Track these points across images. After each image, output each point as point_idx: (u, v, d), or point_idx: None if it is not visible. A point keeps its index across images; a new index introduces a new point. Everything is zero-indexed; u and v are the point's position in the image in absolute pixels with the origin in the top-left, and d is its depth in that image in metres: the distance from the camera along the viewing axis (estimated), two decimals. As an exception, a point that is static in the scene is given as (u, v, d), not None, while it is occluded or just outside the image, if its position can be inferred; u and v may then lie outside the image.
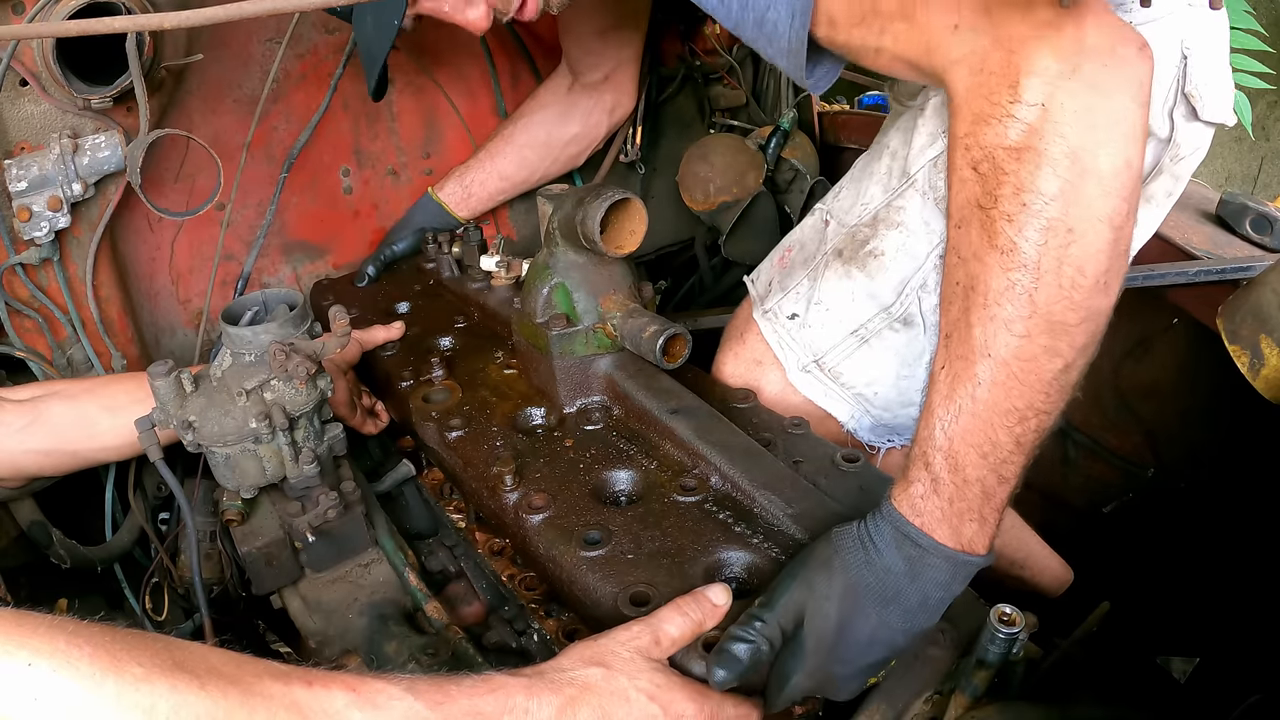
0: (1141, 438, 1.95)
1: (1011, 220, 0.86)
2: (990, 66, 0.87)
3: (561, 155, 2.13)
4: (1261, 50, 2.97)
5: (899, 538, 0.93)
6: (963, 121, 0.90)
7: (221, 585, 1.39)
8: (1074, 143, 0.84)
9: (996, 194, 0.87)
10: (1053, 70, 0.84)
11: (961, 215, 0.91)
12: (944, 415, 0.91)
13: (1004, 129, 0.86)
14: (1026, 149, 0.85)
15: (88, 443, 1.37)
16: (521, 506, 1.19)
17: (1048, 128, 0.84)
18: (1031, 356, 0.87)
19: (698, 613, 0.96)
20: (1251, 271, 1.55)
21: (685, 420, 1.25)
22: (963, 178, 0.91)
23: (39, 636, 0.71)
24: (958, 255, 0.92)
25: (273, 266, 2.04)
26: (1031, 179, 0.85)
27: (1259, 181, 3.66)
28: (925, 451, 0.93)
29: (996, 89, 0.87)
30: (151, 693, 0.72)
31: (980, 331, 0.89)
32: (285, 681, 0.78)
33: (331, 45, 1.96)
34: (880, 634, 0.94)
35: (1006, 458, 0.91)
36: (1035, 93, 0.85)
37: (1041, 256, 0.85)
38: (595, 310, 1.34)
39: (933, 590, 0.94)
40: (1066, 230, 0.85)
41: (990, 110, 0.87)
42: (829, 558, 0.95)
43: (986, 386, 0.89)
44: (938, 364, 0.93)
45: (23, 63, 1.46)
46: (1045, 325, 0.87)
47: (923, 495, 0.93)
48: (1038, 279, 0.85)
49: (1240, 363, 1.33)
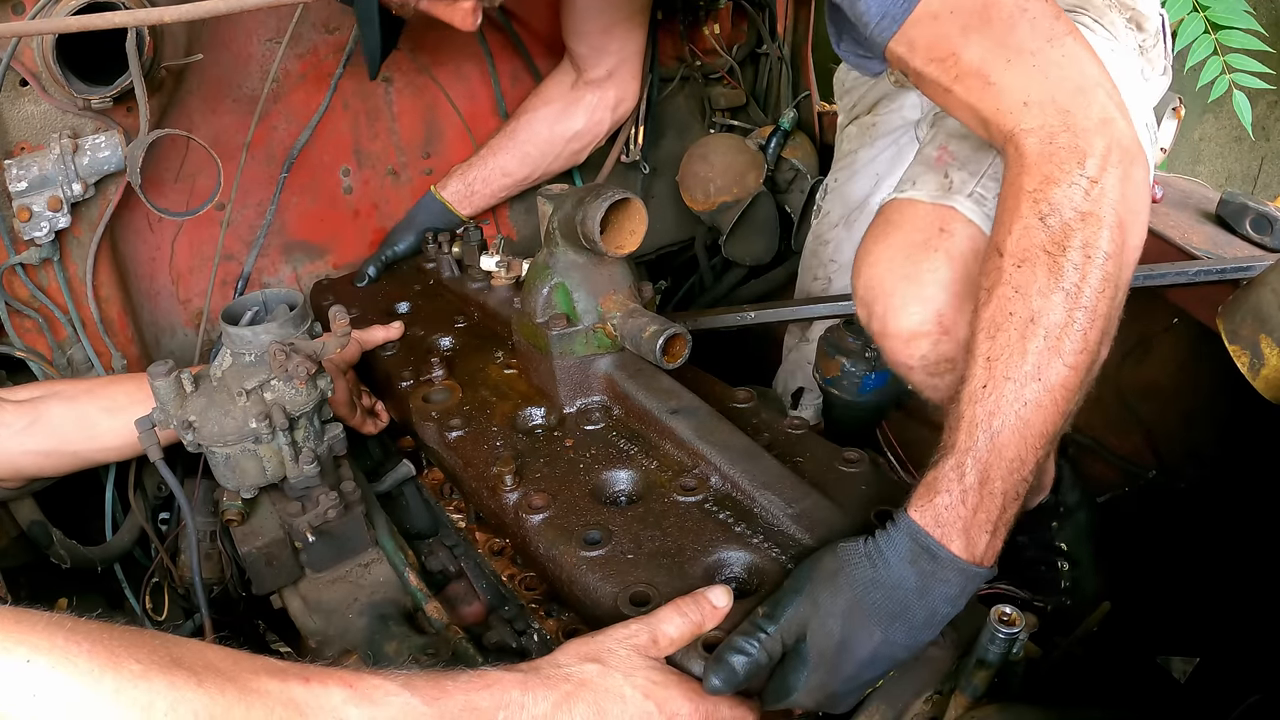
0: (1141, 438, 1.95)
1: (1078, 269, 1.00)
2: (1060, 142, 1.04)
3: (564, 151, 2.13)
4: (1261, 50, 2.97)
5: (915, 551, 0.94)
6: (1031, 178, 1.05)
7: (221, 585, 1.39)
8: (1121, 215, 1.02)
9: (1065, 245, 1.00)
10: (1107, 158, 1.03)
11: (1024, 256, 1.02)
12: (986, 429, 0.97)
13: (1073, 193, 1.02)
14: (1090, 214, 1.01)
15: (88, 443, 1.37)
16: (521, 506, 1.19)
17: (1104, 200, 1.01)
18: (1072, 386, 0.99)
19: (697, 614, 0.96)
20: (1251, 271, 1.55)
21: (685, 420, 1.25)
22: (1028, 225, 1.03)
23: (37, 633, 0.71)
24: (1014, 289, 1.02)
25: (273, 266, 2.04)
26: (1095, 237, 1.00)
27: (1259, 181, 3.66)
28: (961, 464, 0.97)
29: (1066, 161, 1.03)
30: (149, 689, 0.72)
31: (1035, 359, 0.98)
32: (282, 678, 0.79)
33: (331, 45, 1.96)
34: (883, 650, 0.94)
35: (1027, 476, 0.98)
36: (1095, 171, 1.02)
37: (1098, 303, 1.00)
38: (595, 310, 1.34)
39: (941, 605, 0.95)
40: (1116, 285, 1.01)
41: (1060, 176, 1.03)
42: (835, 573, 0.95)
43: (1032, 408, 0.97)
44: (978, 382, 1.00)
45: (23, 62, 1.46)
46: (1089, 361, 1.00)
47: (949, 505, 0.96)
48: (1092, 320, 1.00)
49: (1240, 363, 1.33)
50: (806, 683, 0.94)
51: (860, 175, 1.99)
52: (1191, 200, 1.89)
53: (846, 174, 2.03)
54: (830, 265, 2.04)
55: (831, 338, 1.69)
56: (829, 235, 2.04)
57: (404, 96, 2.09)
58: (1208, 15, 2.98)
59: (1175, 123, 1.90)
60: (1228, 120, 3.43)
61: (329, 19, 1.93)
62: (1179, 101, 1.89)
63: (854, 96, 2.05)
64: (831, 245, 2.04)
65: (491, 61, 2.16)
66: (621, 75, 2.08)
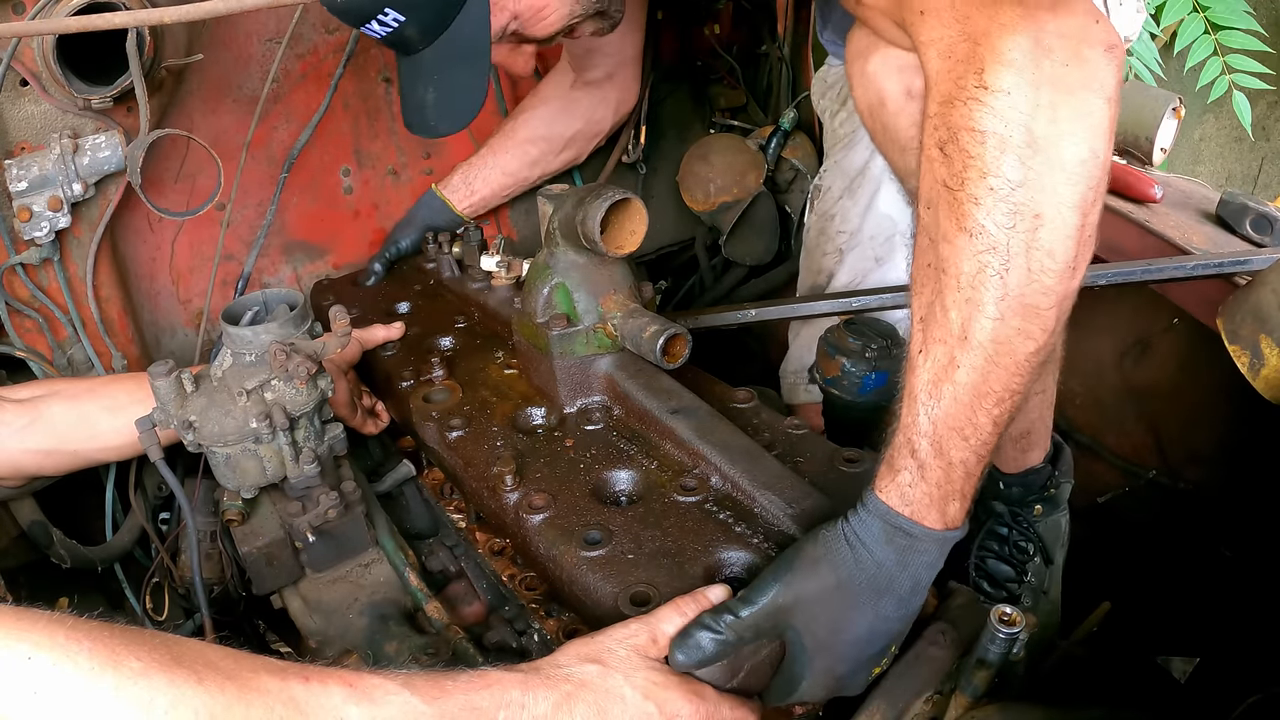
0: (1141, 438, 1.95)
1: (979, 203, 0.86)
2: (957, 54, 0.89)
3: (565, 150, 2.13)
4: (1261, 50, 2.97)
5: (889, 531, 0.93)
6: (932, 101, 0.91)
7: (222, 585, 1.38)
8: (1038, 132, 0.85)
9: (963, 176, 0.87)
10: (1018, 63, 0.85)
11: (930, 196, 0.91)
12: (927, 401, 0.92)
13: (969, 110, 0.87)
14: (990, 133, 0.85)
15: (88, 443, 1.37)
16: (522, 506, 1.19)
17: (1012, 115, 0.85)
18: (1006, 339, 0.88)
19: (696, 610, 0.96)
20: (1249, 265, 1.55)
21: (685, 420, 1.25)
22: (930, 157, 0.91)
23: (39, 631, 0.72)
24: (928, 237, 0.92)
25: (273, 266, 2.04)
26: (996, 163, 0.85)
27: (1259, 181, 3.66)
28: (911, 439, 0.93)
29: (964, 74, 0.88)
30: (150, 686, 0.72)
31: (956, 315, 0.89)
32: (282, 677, 0.79)
33: (331, 45, 1.96)
34: (878, 625, 0.94)
35: (986, 439, 0.92)
36: (1002, 80, 0.85)
37: (1010, 240, 0.86)
38: (595, 310, 1.34)
39: (923, 572, 0.94)
40: (1034, 215, 0.85)
41: (957, 93, 0.88)
42: (815, 560, 0.95)
43: (966, 370, 0.89)
44: (914, 347, 0.94)
45: (23, 63, 1.46)
46: (1018, 307, 0.87)
47: (910, 483, 0.93)
48: (1008, 261, 0.86)
49: (1240, 363, 1.33)
50: (811, 670, 0.94)
51: (857, 146, 1.97)
52: (1191, 200, 1.89)
53: (843, 149, 2.01)
54: (840, 236, 2.00)
55: (831, 338, 1.69)
56: (834, 210, 2.02)
57: (404, 96, 2.09)
58: (1208, 15, 2.99)
59: (1175, 123, 1.90)
60: (1228, 120, 3.43)
61: (329, 19, 1.93)
62: (1179, 101, 1.89)
63: (838, 85, 2.05)
64: (838, 218, 2.01)
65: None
66: (621, 76, 2.08)
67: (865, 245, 1.95)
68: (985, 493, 1.63)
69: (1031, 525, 1.63)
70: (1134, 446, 1.96)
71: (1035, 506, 1.62)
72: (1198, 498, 1.84)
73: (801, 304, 1.94)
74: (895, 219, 1.92)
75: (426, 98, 1.46)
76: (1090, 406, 2.02)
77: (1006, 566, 1.65)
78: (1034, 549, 1.62)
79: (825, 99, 2.12)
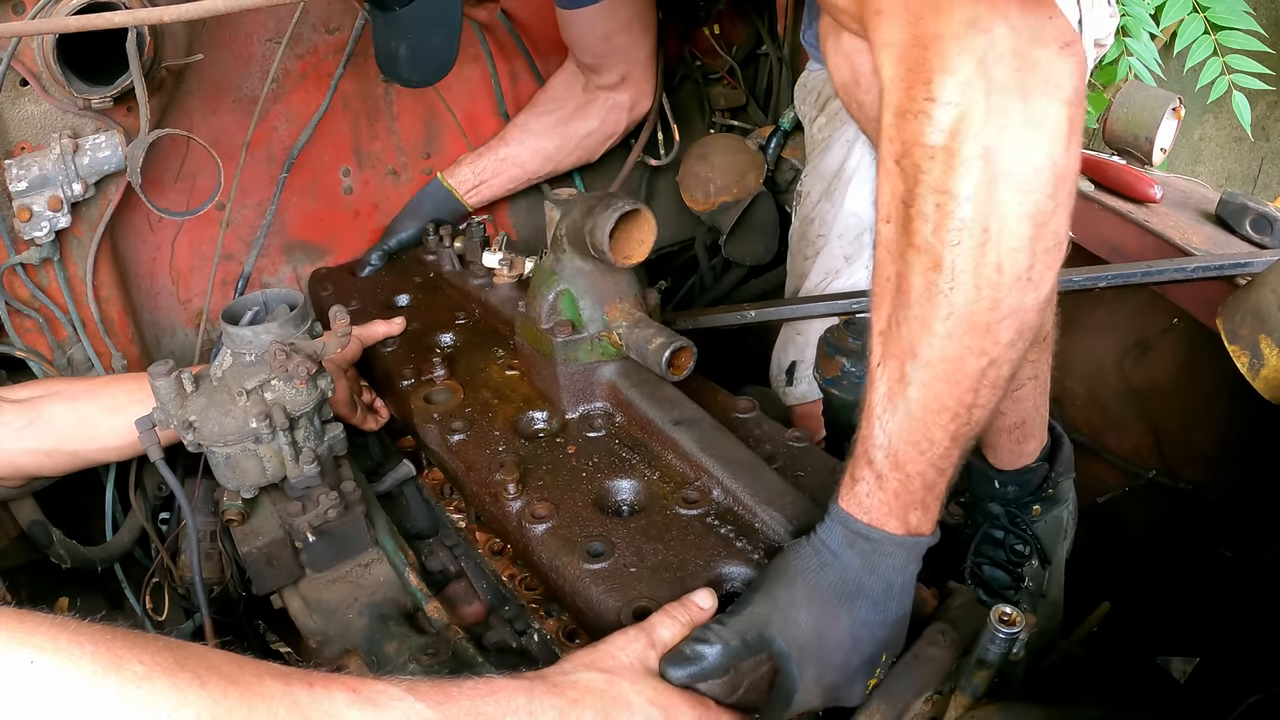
0: (1141, 438, 1.95)
1: (927, 220, 0.84)
2: (910, 60, 0.85)
3: (579, 148, 2.14)
4: (1261, 50, 2.97)
5: (850, 536, 0.95)
6: (887, 111, 0.87)
7: (222, 585, 1.38)
8: (987, 143, 0.82)
9: (915, 192, 0.85)
10: (966, 71, 0.82)
11: (889, 210, 0.89)
12: (882, 415, 0.92)
13: (919, 125, 0.84)
14: (941, 149, 0.83)
15: (88, 443, 1.37)
16: (525, 515, 1.19)
17: (962, 128, 0.82)
18: (956, 357, 0.87)
19: (686, 616, 0.98)
20: (1250, 267, 1.55)
21: (688, 432, 1.25)
22: (888, 170, 0.88)
23: (41, 634, 0.71)
24: (886, 251, 0.90)
25: (273, 266, 2.04)
26: (945, 179, 0.83)
27: (1259, 181, 3.66)
28: (868, 450, 0.94)
29: (915, 84, 0.84)
30: (153, 691, 0.72)
31: (906, 331, 0.88)
32: (286, 682, 0.79)
33: (331, 45, 1.96)
34: (859, 631, 0.95)
35: (944, 453, 0.92)
36: (950, 92, 0.82)
37: (956, 257, 0.84)
38: (601, 318, 1.34)
39: (892, 576, 0.95)
40: (981, 230, 0.83)
41: (909, 105, 0.85)
42: (788, 568, 0.97)
43: (917, 386, 0.89)
44: (874, 360, 0.93)
45: (23, 62, 1.46)
46: (966, 326, 0.85)
47: (868, 493, 0.94)
48: (953, 280, 0.84)
49: (1240, 363, 1.33)
50: (802, 680, 0.94)
51: (833, 148, 1.97)
52: (1191, 200, 1.89)
53: (819, 153, 2.01)
54: (819, 240, 2.00)
55: (831, 338, 1.69)
56: (813, 213, 2.01)
57: (404, 96, 2.09)
58: (1208, 16, 2.99)
59: (1175, 123, 1.90)
60: (1227, 120, 3.43)
61: (329, 19, 1.93)
62: (1179, 102, 1.89)
63: (817, 90, 2.04)
64: (817, 222, 2.00)
65: (492, 62, 2.16)
66: (634, 79, 2.08)
67: (834, 244, 1.95)
68: (981, 494, 1.62)
69: (1029, 527, 1.62)
70: (1134, 446, 1.96)
71: (1033, 507, 1.61)
72: (1198, 498, 1.84)
73: (802, 304, 1.94)
74: (862, 216, 1.90)
75: (399, 51, 1.52)
76: (1090, 406, 2.02)
77: (1002, 573, 1.64)
78: (1030, 550, 1.61)
79: (805, 104, 2.12)
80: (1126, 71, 3.01)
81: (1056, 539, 1.64)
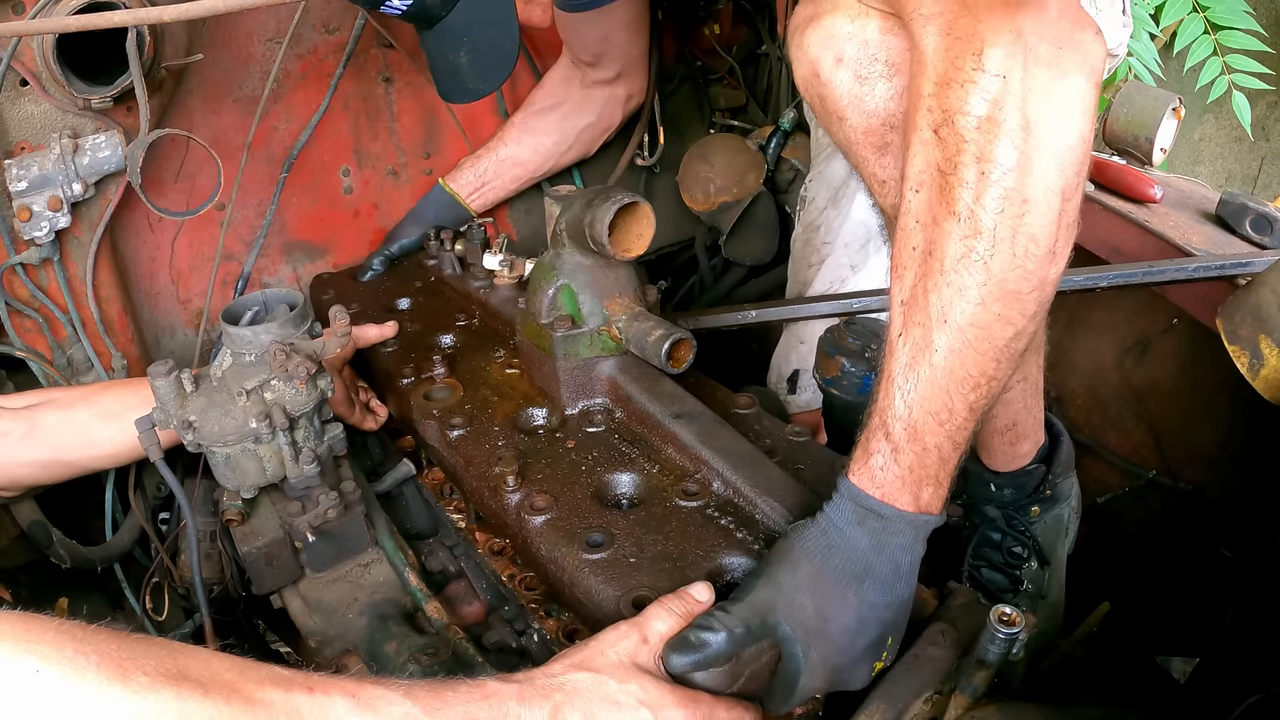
0: (1141, 438, 1.95)
1: (969, 187, 0.86)
2: (959, 31, 0.87)
3: (578, 143, 2.15)
4: (1261, 50, 2.97)
5: (861, 513, 0.94)
6: (928, 81, 0.89)
7: (221, 585, 1.38)
8: (1031, 116, 0.85)
9: (956, 160, 0.87)
10: (1015, 45, 0.85)
11: (920, 179, 0.90)
12: (903, 384, 0.92)
13: (965, 94, 0.86)
14: (987, 118, 0.85)
15: (84, 451, 1.37)
16: (523, 508, 1.19)
17: (1008, 100, 0.85)
18: (986, 324, 0.88)
19: (683, 608, 0.97)
20: (1250, 267, 1.55)
21: (688, 425, 1.25)
22: (924, 139, 0.90)
23: (47, 642, 0.72)
24: (915, 220, 0.91)
25: (273, 266, 2.04)
26: (990, 148, 0.85)
27: (1259, 181, 3.66)
28: (885, 421, 0.94)
29: (962, 54, 0.86)
30: (157, 700, 0.73)
31: (937, 298, 0.89)
32: (287, 688, 0.80)
33: (331, 45, 1.96)
34: (866, 613, 0.94)
35: (961, 424, 0.92)
36: (997, 63, 0.85)
37: (998, 225, 0.86)
38: (600, 313, 1.34)
39: (901, 555, 0.94)
40: (1022, 200, 0.86)
41: (955, 75, 0.87)
42: (793, 550, 0.96)
43: (944, 354, 0.90)
44: (894, 330, 0.94)
45: (23, 62, 1.46)
46: (1000, 293, 0.88)
47: (882, 466, 0.94)
48: (994, 247, 0.86)
49: (1240, 363, 1.33)
50: (807, 664, 0.94)
51: (840, 155, 1.97)
52: (1191, 200, 1.89)
53: (825, 158, 2.01)
54: (824, 248, 1.99)
55: (831, 338, 1.69)
56: (818, 220, 2.01)
57: (404, 96, 2.09)
58: (1208, 15, 2.98)
59: (1175, 123, 1.90)
60: (1227, 120, 3.42)
61: (329, 19, 1.93)
62: (1179, 101, 1.89)
63: None
64: (822, 229, 2.00)
65: (491, 61, 2.16)
66: (630, 74, 2.10)
67: (840, 253, 1.95)
68: (977, 498, 1.62)
69: (1027, 529, 1.61)
70: (1134, 446, 1.96)
71: (1032, 509, 1.61)
72: (1198, 498, 1.84)
73: (802, 305, 1.94)
74: (869, 224, 1.90)
75: (460, 63, 1.47)
76: (1090, 406, 2.02)
77: (1000, 575, 1.64)
78: (1028, 552, 1.61)
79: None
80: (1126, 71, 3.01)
81: (1057, 538, 1.63)
